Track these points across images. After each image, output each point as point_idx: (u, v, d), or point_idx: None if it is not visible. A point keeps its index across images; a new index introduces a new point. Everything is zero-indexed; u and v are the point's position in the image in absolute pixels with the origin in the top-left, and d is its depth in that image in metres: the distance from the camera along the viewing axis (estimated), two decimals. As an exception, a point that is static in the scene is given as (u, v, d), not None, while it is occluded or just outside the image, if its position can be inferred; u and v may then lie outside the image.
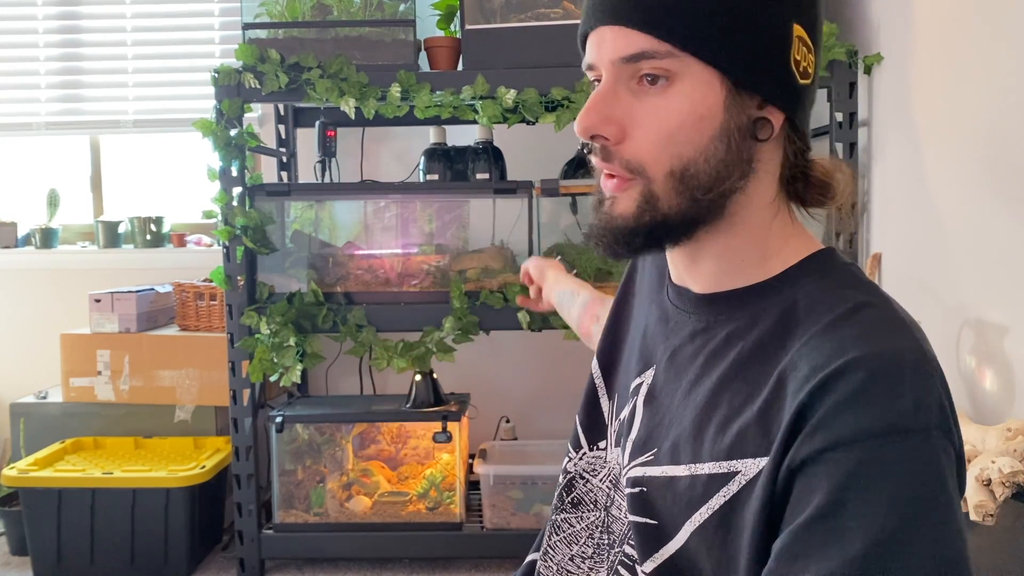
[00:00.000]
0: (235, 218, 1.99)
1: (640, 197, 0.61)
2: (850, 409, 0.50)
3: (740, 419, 0.57)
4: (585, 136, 0.61)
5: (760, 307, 0.62)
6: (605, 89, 0.60)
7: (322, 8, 2.03)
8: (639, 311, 0.77)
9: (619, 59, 0.59)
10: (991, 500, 0.94)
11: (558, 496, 0.75)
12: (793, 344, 0.57)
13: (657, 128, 0.59)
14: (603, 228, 0.63)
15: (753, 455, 0.56)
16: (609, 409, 0.74)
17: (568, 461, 0.76)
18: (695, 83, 0.58)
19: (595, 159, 0.62)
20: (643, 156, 0.60)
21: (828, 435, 0.50)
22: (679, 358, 0.66)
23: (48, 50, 2.68)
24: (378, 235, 2.19)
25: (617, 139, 0.60)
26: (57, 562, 2.07)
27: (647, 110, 0.59)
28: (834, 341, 0.54)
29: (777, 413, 0.55)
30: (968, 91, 1.44)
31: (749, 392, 0.58)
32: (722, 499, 0.57)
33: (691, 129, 0.59)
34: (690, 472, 0.60)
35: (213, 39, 2.65)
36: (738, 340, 0.61)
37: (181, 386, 2.25)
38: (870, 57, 1.85)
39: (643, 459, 0.65)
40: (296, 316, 2.01)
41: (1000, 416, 1.31)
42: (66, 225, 2.77)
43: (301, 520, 2.12)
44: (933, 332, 1.50)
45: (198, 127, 1.97)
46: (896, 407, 0.50)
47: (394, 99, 1.93)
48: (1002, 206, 1.32)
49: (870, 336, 0.54)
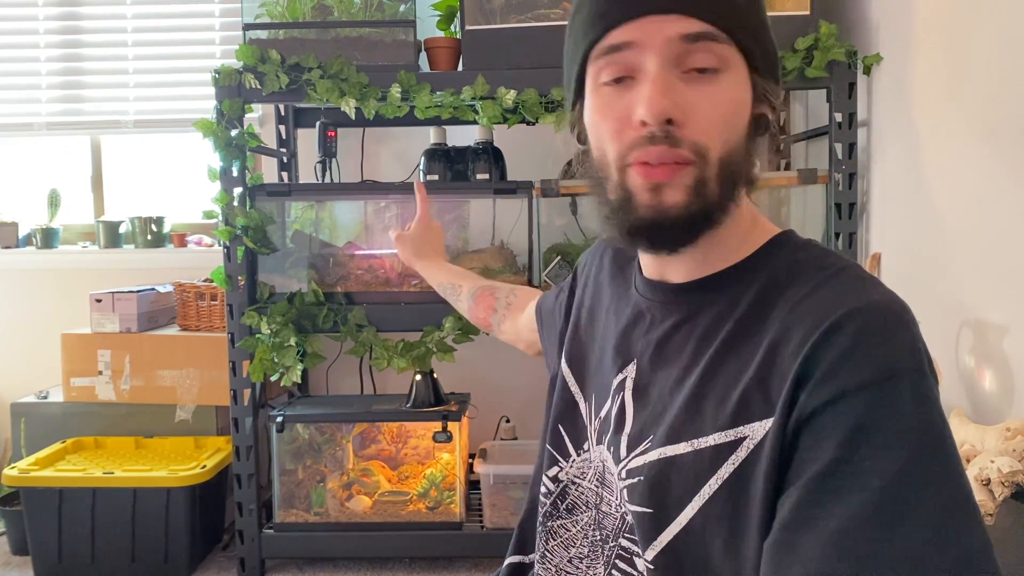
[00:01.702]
0: (236, 218, 1.99)
1: (693, 183, 0.60)
2: (851, 359, 0.53)
3: (740, 387, 0.59)
4: (661, 119, 0.59)
5: (739, 288, 0.65)
6: (660, 74, 0.59)
7: (322, 9, 2.03)
8: (605, 311, 0.78)
9: (678, 36, 0.59)
10: (990, 500, 0.94)
11: (552, 504, 0.75)
12: (778, 313, 0.60)
13: (714, 114, 0.60)
14: (654, 220, 0.61)
15: (760, 418, 0.57)
16: (587, 411, 0.75)
17: (559, 471, 0.76)
18: (738, 74, 0.62)
19: (654, 151, 0.60)
20: (705, 139, 0.60)
21: (834, 385, 0.53)
22: (666, 348, 0.67)
23: (49, 50, 2.68)
24: (378, 235, 2.19)
25: (681, 123, 0.60)
26: (58, 562, 2.08)
27: (703, 96, 0.60)
28: (824, 300, 0.57)
29: (777, 374, 0.57)
30: (968, 91, 1.44)
31: (742, 365, 0.60)
32: (731, 467, 0.58)
33: (737, 118, 0.62)
34: (693, 448, 0.61)
35: (213, 39, 2.65)
36: (724, 321, 0.64)
37: (182, 386, 2.25)
38: (870, 57, 1.85)
39: (641, 448, 0.66)
40: (297, 316, 2.01)
41: (999, 416, 1.31)
42: (67, 225, 2.78)
43: (301, 520, 2.12)
44: (933, 332, 1.50)
45: (199, 127, 1.97)
46: (893, 352, 0.53)
47: (394, 99, 1.93)
48: (1002, 206, 1.32)
49: (856, 291, 0.57)
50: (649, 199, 0.61)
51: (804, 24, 1.88)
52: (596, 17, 0.62)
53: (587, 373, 0.77)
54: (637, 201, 0.62)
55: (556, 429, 0.77)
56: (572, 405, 0.77)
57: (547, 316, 0.93)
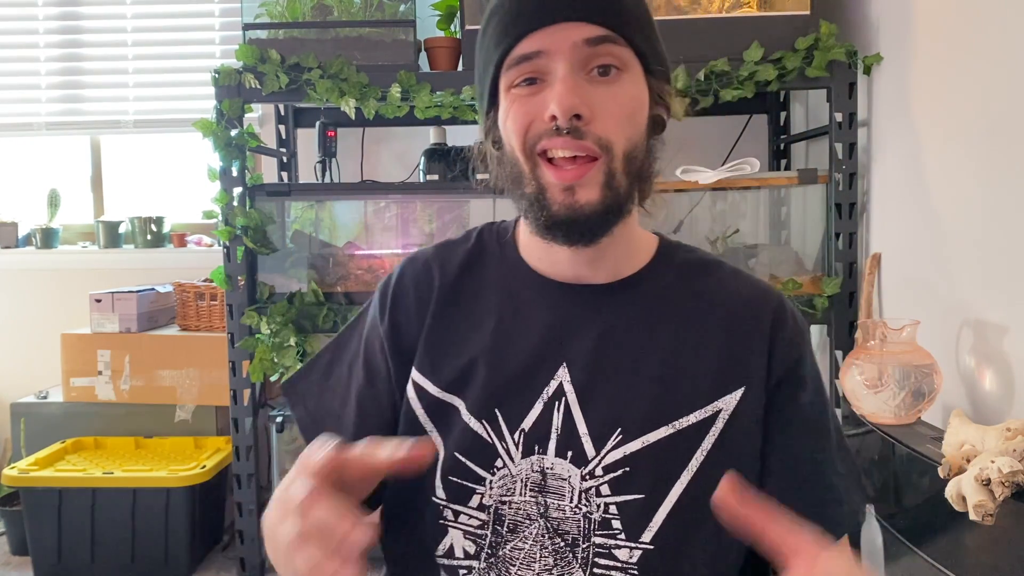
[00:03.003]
0: (235, 218, 1.99)
1: (604, 179, 0.67)
2: (797, 333, 0.74)
3: (706, 369, 0.71)
4: (569, 114, 0.64)
5: (659, 282, 0.75)
6: (568, 74, 0.65)
7: (322, 8, 2.03)
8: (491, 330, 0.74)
9: (582, 40, 0.66)
10: (990, 500, 0.94)
11: (492, 532, 0.71)
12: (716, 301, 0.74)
13: (617, 110, 0.67)
14: (570, 217, 0.67)
15: (731, 391, 0.70)
16: (492, 430, 0.71)
17: (481, 498, 0.71)
18: (635, 75, 0.69)
19: (559, 140, 0.65)
20: (610, 134, 0.66)
21: (793, 354, 0.73)
22: (609, 345, 0.72)
23: (48, 50, 2.68)
24: (378, 235, 2.19)
25: (588, 119, 0.65)
26: (57, 562, 2.08)
27: (605, 95, 0.66)
28: (751, 289, 0.75)
29: (743, 351, 0.72)
30: (968, 91, 1.44)
31: (699, 348, 0.72)
32: (713, 438, 0.69)
33: (637, 115, 0.69)
34: (675, 429, 0.69)
35: (213, 39, 2.65)
36: (660, 313, 0.73)
37: (181, 386, 2.25)
38: (870, 57, 1.85)
39: (613, 442, 0.69)
40: (296, 316, 2.01)
41: (1000, 416, 1.31)
42: (67, 225, 2.78)
43: (301, 520, 2.11)
44: (933, 332, 1.50)
45: (198, 127, 1.97)
46: (806, 327, 0.76)
47: (394, 99, 1.93)
48: (1002, 206, 1.32)
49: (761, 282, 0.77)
50: (563, 198, 0.67)
51: (804, 24, 1.88)
52: (507, 28, 0.68)
53: (478, 394, 0.73)
54: (551, 199, 0.67)
55: (455, 459, 0.72)
56: (468, 433, 0.72)
57: (374, 375, 0.80)
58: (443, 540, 0.72)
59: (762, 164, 2.08)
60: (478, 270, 0.79)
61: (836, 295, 1.89)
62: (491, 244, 0.81)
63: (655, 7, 1.87)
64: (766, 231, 2.16)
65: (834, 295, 1.89)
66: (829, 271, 1.93)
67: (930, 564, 1.09)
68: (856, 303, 1.90)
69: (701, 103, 1.87)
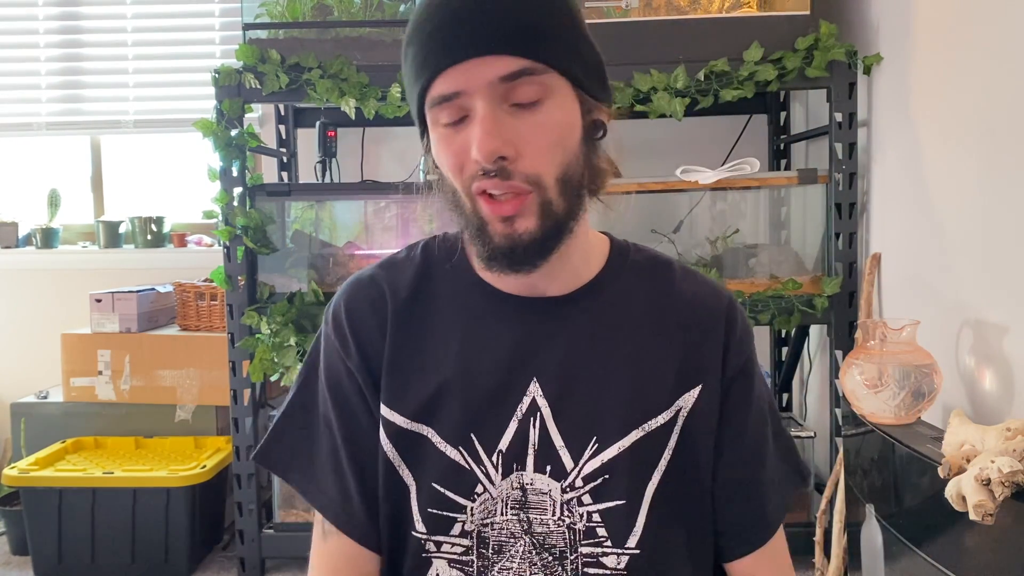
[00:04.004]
0: (236, 218, 1.99)
1: (539, 208, 0.65)
2: (746, 333, 0.77)
3: (669, 369, 0.73)
4: (492, 158, 0.62)
5: (615, 287, 0.75)
6: (488, 114, 0.62)
7: (322, 8, 2.03)
8: (456, 353, 0.72)
9: (497, 79, 0.62)
10: (990, 500, 0.94)
11: (478, 556, 0.70)
12: (670, 303, 0.75)
13: (544, 142, 0.64)
14: (510, 247, 0.65)
15: (688, 389, 0.72)
16: (469, 455, 0.70)
17: (462, 525, 0.70)
18: (562, 96, 0.65)
19: (489, 182, 0.63)
20: (538, 168, 0.64)
21: (742, 352, 0.76)
22: (574, 356, 0.72)
23: (49, 50, 2.68)
24: (378, 235, 2.19)
25: (513, 158, 0.63)
26: (58, 562, 2.08)
27: (530, 127, 0.64)
28: (703, 288, 0.77)
29: (698, 350, 0.74)
30: (968, 91, 1.44)
31: (661, 350, 0.73)
32: (676, 436, 0.72)
33: (566, 139, 0.66)
34: (645, 431, 0.71)
35: (213, 39, 2.65)
36: (621, 319, 0.74)
37: (182, 386, 2.25)
38: (870, 57, 1.85)
39: (591, 452, 0.70)
40: (297, 316, 2.01)
41: (1000, 416, 1.31)
42: (67, 225, 2.78)
43: (302, 519, 2.12)
44: (933, 332, 1.50)
45: (199, 127, 1.97)
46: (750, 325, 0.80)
47: (394, 99, 1.93)
48: (1002, 206, 1.32)
49: (710, 282, 0.79)
50: (502, 229, 0.65)
51: (804, 24, 1.88)
52: (420, 67, 0.65)
53: (452, 419, 0.71)
54: (491, 230, 0.66)
55: (432, 490, 0.70)
56: (445, 462, 0.71)
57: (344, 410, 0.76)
58: (428, 572, 0.71)
59: (762, 164, 2.08)
60: (431, 288, 0.75)
61: (836, 295, 1.90)
62: (440, 260, 0.76)
63: (655, 7, 1.87)
64: (766, 231, 2.16)
65: (834, 295, 1.89)
66: (829, 271, 1.93)
67: (930, 564, 1.09)
68: (856, 303, 1.90)
69: (701, 103, 1.88)
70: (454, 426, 0.71)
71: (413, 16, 0.67)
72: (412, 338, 0.73)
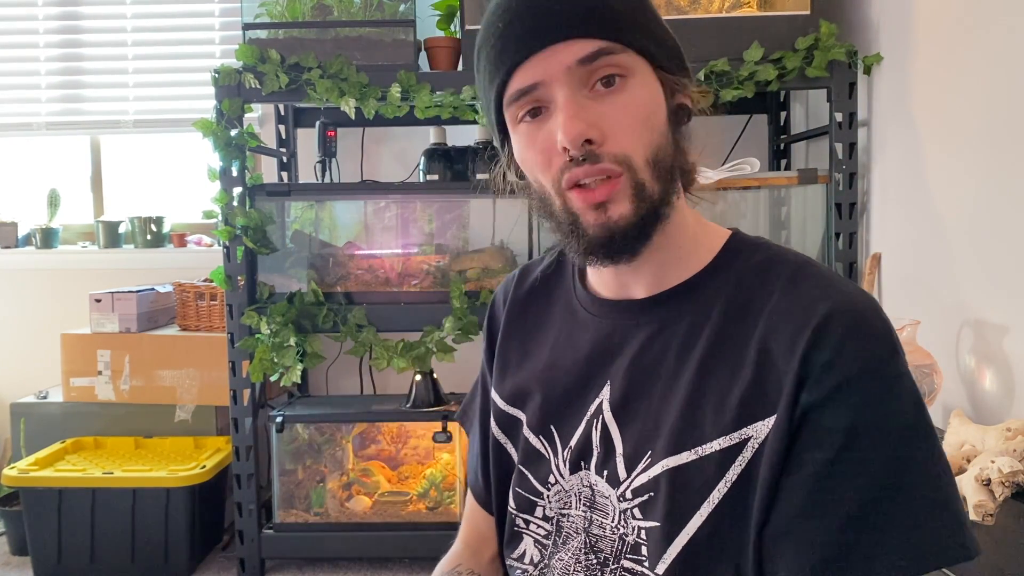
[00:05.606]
0: (235, 218, 1.99)
1: (632, 191, 0.63)
2: (842, 356, 0.58)
3: (736, 391, 0.62)
4: (579, 142, 0.62)
5: (708, 294, 0.68)
6: (570, 98, 0.62)
7: (322, 8, 2.03)
8: (551, 345, 0.77)
9: (576, 62, 0.62)
10: (991, 500, 0.94)
11: (552, 543, 0.73)
12: (758, 315, 0.64)
13: (631, 121, 0.63)
14: (608, 236, 0.64)
15: (762, 418, 0.61)
16: (548, 445, 0.74)
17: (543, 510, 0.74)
18: (643, 75, 0.64)
19: (579, 170, 0.63)
20: (627, 148, 0.63)
21: (830, 381, 0.58)
22: (646, 363, 0.69)
23: (48, 50, 2.68)
24: (378, 235, 2.19)
25: (600, 140, 0.62)
26: (57, 562, 2.08)
27: (615, 107, 0.63)
28: (803, 300, 0.62)
29: (774, 374, 0.61)
30: (968, 91, 1.44)
31: (733, 368, 0.63)
32: (739, 468, 0.61)
33: (654, 116, 0.65)
34: (697, 455, 0.63)
35: (213, 39, 2.65)
36: (702, 328, 0.66)
37: (181, 386, 2.25)
38: (870, 57, 1.85)
39: (642, 466, 0.66)
40: (296, 316, 2.01)
41: (1000, 416, 1.31)
42: (66, 225, 2.78)
43: (301, 520, 2.12)
44: (933, 332, 1.50)
45: (198, 127, 1.97)
46: (875, 344, 0.59)
47: (394, 99, 1.93)
48: (1002, 206, 1.32)
49: (828, 289, 0.62)
50: (595, 218, 0.64)
51: (804, 24, 1.88)
52: (495, 66, 0.65)
53: (538, 409, 0.75)
54: (585, 222, 0.65)
55: (520, 472, 0.76)
56: (529, 448, 0.76)
57: None
58: (519, 546, 0.76)
59: (762, 164, 2.08)
60: (550, 287, 0.81)
61: (836, 295, 1.89)
62: (568, 261, 0.80)
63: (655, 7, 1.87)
64: (766, 231, 2.16)
65: (834, 295, 1.89)
66: (829, 271, 1.93)
67: (930, 564, 1.09)
68: (856, 303, 1.90)
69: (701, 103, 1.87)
70: (539, 416, 0.75)
71: (483, 22, 0.67)
72: (520, 330, 0.81)
